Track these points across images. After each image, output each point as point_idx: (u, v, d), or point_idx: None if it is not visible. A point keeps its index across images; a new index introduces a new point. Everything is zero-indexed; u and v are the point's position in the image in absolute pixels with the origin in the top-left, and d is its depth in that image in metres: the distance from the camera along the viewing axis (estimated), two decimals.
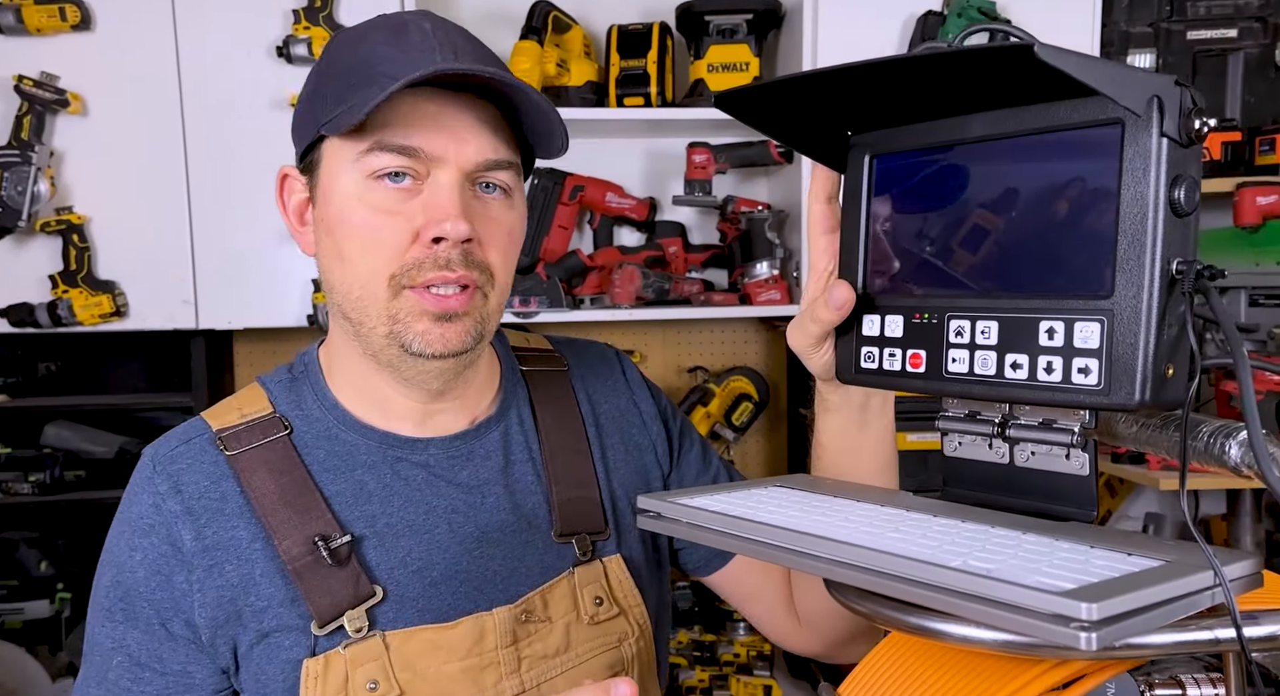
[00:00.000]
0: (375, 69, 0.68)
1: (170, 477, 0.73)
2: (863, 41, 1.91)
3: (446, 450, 0.78)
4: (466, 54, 0.70)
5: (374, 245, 0.70)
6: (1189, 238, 0.50)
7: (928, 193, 0.60)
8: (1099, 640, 0.39)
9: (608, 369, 0.93)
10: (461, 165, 0.70)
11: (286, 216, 0.77)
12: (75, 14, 1.73)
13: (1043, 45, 0.42)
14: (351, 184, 0.70)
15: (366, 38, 0.71)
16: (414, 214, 0.69)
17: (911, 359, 0.61)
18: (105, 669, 0.73)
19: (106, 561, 0.75)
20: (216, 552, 0.72)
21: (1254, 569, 0.47)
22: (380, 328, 0.71)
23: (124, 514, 0.75)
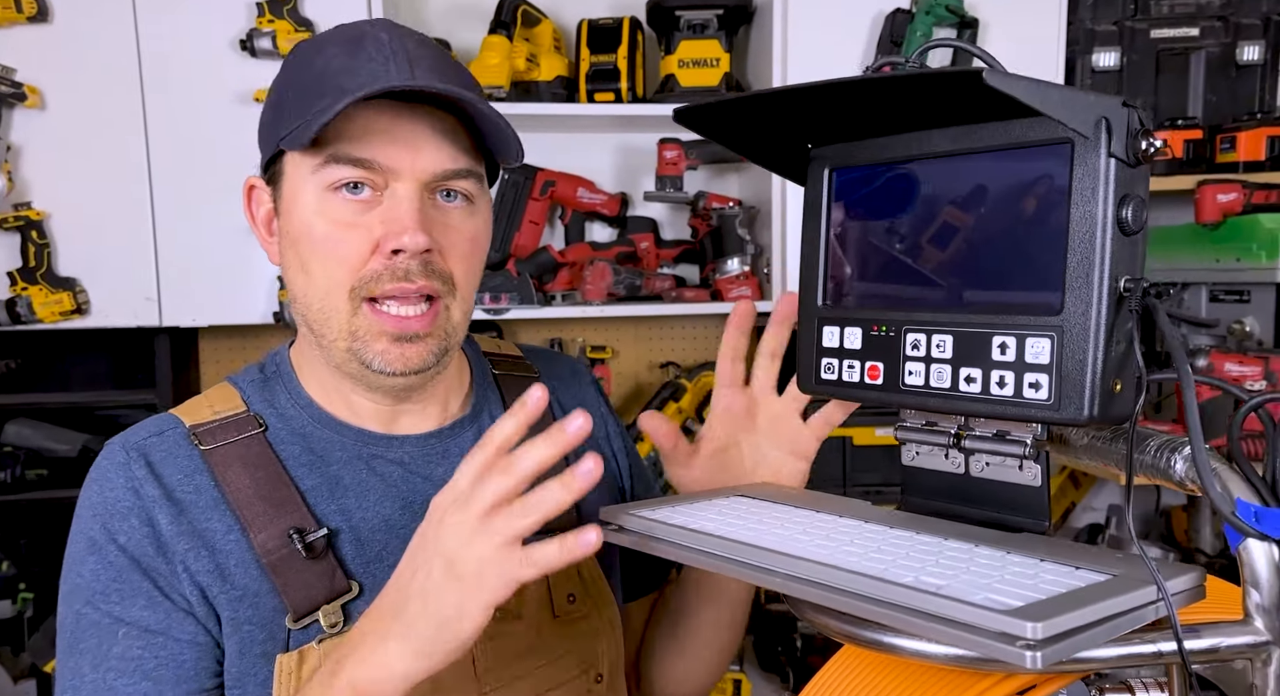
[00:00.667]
0: (330, 82, 0.68)
1: (146, 464, 0.72)
2: (831, 38, 1.92)
3: (421, 447, 0.79)
4: (423, 64, 0.70)
5: (334, 257, 0.70)
6: (1137, 255, 0.51)
7: (886, 206, 0.61)
8: (1043, 658, 0.40)
9: (577, 382, 0.94)
10: (418, 176, 0.70)
11: (255, 227, 0.77)
12: (31, 5, 1.69)
13: (991, 71, 0.43)
14: (311, 197, 0.70)
15: (323, 50, 0.71)
16: (372, 225, 0.70)
17: (870, 371, 0.61)
18: (107, 646, 0.69)
19: (84, 548, 0.71)
20: (193, 539, 0.70)
21: (1196, 582, 0.48)
22: (340, 342, 0.72)
23: (94, 500, 0.72)
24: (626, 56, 1.93)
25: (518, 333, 2.20)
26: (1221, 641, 0.46)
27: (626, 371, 2.26)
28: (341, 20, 1.97)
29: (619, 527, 0.61)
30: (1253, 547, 0.46)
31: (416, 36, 0.73)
